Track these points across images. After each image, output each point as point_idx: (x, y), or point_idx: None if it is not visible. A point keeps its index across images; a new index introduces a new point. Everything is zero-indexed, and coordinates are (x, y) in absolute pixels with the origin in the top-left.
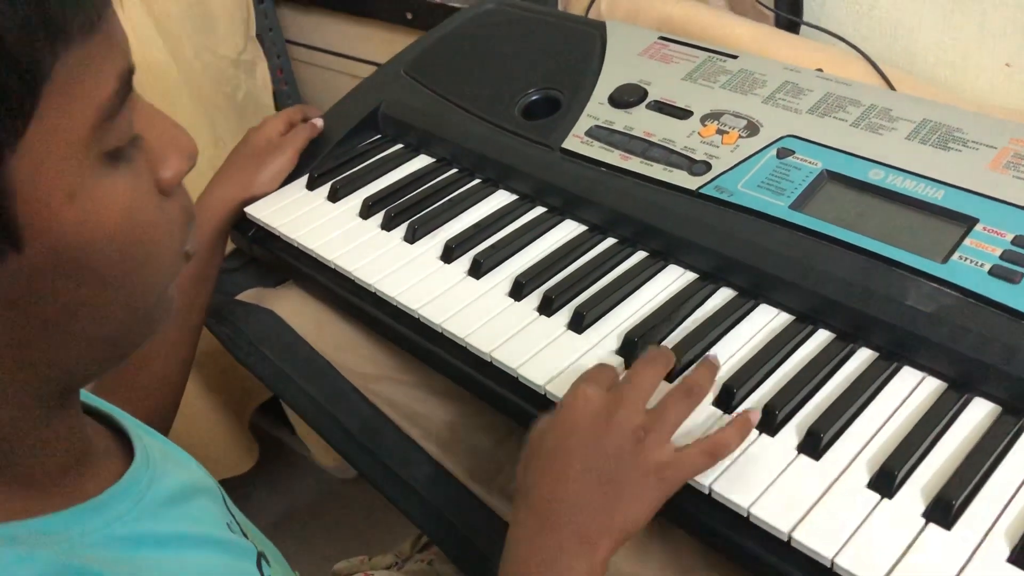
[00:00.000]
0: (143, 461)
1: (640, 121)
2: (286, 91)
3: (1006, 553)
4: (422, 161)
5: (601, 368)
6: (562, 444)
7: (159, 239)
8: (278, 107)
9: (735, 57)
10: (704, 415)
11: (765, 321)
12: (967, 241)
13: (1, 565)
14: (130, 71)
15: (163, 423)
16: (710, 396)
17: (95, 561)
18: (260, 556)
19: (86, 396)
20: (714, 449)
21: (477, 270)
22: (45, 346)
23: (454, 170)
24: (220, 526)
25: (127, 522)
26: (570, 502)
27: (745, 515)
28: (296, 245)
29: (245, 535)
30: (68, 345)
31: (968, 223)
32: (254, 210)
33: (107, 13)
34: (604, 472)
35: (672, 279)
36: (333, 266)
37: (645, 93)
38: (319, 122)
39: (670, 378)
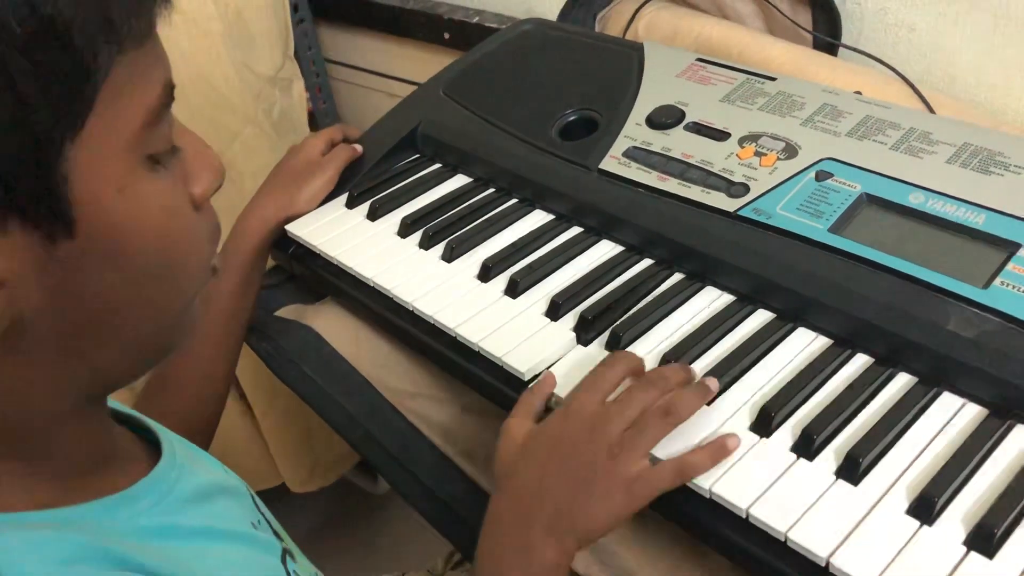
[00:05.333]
0: (170, 459)
1: (678, 142)
2: (324, 109)
3: None
4: (460, 181)
5: (606, 372)
6: (551, 445)
7: (192, 246)
8: (316, 126)
9: (773, 79)
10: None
11: (803, 344)
12: (1009, 266)
13: (32, 545)
14: (171, 83)
15: (202, 441)
16: (746, 420)
17: (126, 548)
18: (285, 552)
19: (113, 403)
20: (684, 469)
21: (514, 289)
22: (85, 341)
23: (491, 190)
24: (245, 523)
25: (153, 515)
26: (545, 498)
27: (783, 539)
28: (335, 263)
29: (277, 535)
30: (103, 345)
31: (1010, 248)
32: (295, 228)
33: (154, 27)
34: (578, 476)
35: (709, 301)
36: (372, 284)
37: (683, 114)
38: (359, 147)
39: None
